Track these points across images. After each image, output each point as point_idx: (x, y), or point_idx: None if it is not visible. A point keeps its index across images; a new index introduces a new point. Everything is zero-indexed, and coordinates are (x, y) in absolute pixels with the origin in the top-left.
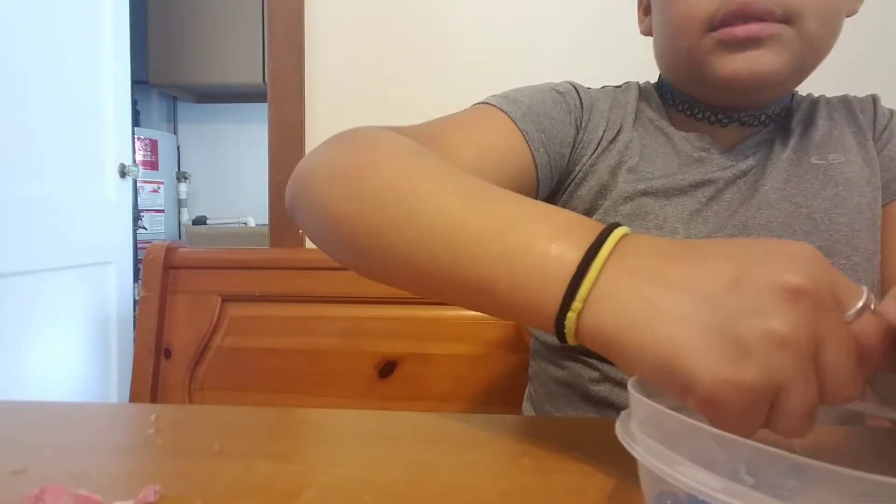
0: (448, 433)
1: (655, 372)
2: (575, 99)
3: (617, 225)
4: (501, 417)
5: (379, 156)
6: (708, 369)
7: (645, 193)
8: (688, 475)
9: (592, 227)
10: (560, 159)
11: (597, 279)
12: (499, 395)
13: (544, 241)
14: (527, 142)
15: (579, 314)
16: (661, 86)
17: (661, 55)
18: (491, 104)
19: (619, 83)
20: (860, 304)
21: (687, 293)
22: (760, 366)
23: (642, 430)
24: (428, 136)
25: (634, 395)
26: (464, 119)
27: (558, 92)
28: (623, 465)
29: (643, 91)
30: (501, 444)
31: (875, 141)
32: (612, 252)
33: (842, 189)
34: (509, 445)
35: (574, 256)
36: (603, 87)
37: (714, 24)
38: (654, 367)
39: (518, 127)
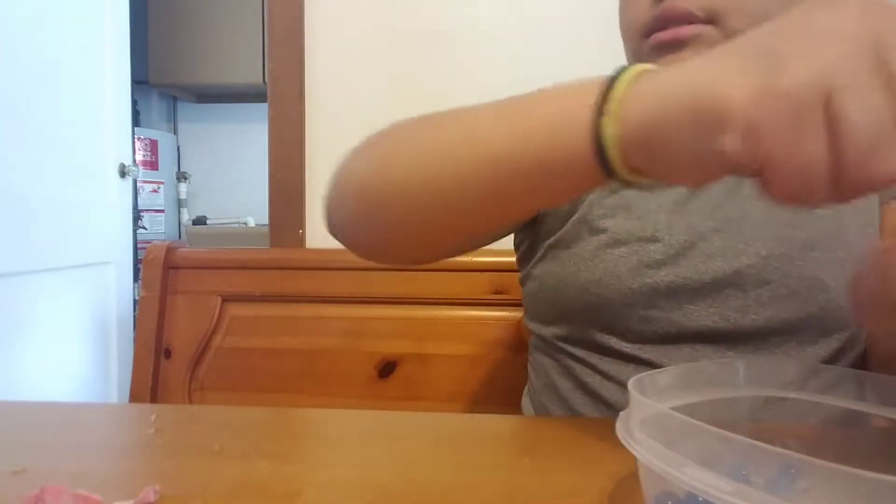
0: (448, 433)
1: (689, 117)
2: None
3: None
4: (501, 417)
5: (403, 127)
6: (742, 83)
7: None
8: (694, 477)
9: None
10: None
11: (631, 82)
12: (499, 395)
13: (560, 90)
14: None
15: (619, 106)
16: None
17: None
18: None
19: None
20: None
21: (726, 56)
22: (802, 64)
23: (643, 430)
24: None
25: (635, 395)
26: None
27: None
28: (623, 464)
29: None
30: (501, 444)
31: None
32: (640, 70)
33: None
34: (509, 445)
35: (598, 79)
36: None
37: (647, 31)
38: (688, 111)
39: None
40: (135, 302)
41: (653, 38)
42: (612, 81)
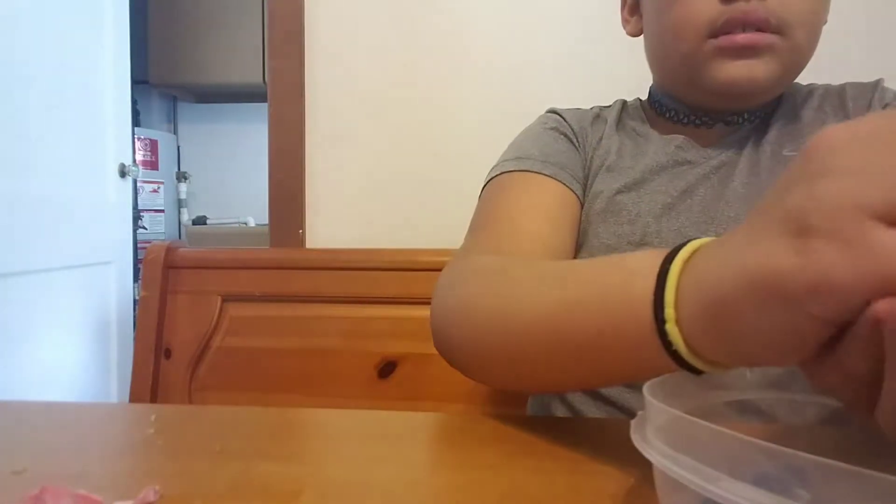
0: (448, 433)
1: (751, 301)
2: (566, 128)
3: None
4: (501, 417)
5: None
6: (779, 247)
7: (619, 192)
8: (731, 490)
9: (662, 250)
10: (584, 180)
11: (683, 268)
12: (499, 395)
13: (623, 272)
14: (561, 183)
15: (677, 291)
16: (649, 96)
17: (655, 57)
18: (507, 171)
19: (613, 96)
20: None
21: (753, 228)
22: (815, 208)
23: (659, 437)
24: (498, 240)
25: (650, 401)
26: (503, 201)
27: (550, 128)
28: (623, 465)
29: (628, 105)
30: (501, 444)
31: None
32: (692, 251)
33: None
34: (509, 445)
35: (655, 262)
36: (592, 108)
37: (714, 31)
38: (746, 297)
39: (547, 175)
40: (135, 302)
41: (723, 39)
42: (660, 285)
